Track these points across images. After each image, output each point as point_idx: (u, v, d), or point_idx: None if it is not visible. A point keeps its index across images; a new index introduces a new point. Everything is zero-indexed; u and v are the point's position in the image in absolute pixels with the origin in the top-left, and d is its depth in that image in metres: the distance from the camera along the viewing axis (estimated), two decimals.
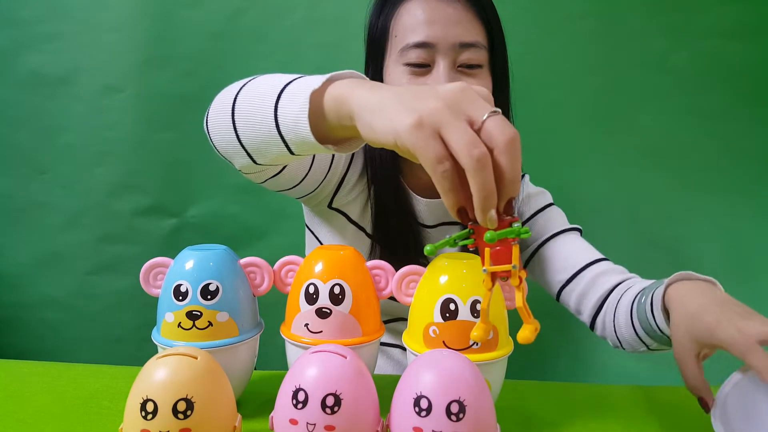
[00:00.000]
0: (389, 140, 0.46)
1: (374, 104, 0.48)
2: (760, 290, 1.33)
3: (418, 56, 0.78)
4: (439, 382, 0.45)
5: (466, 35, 0.78)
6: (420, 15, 0.78)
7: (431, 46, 0.77)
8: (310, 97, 0.51)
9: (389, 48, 0.82)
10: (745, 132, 1.31)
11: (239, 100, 0.60)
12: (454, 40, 0.78)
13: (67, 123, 1.33)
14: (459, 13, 0.78)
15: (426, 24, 0.78)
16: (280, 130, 0.54)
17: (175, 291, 0.56)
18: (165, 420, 0.43)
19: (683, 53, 1.30)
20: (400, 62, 0.80)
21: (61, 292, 1.36)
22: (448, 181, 0.44)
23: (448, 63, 0.78)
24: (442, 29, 0.77)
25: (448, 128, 0.43)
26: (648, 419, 0.64)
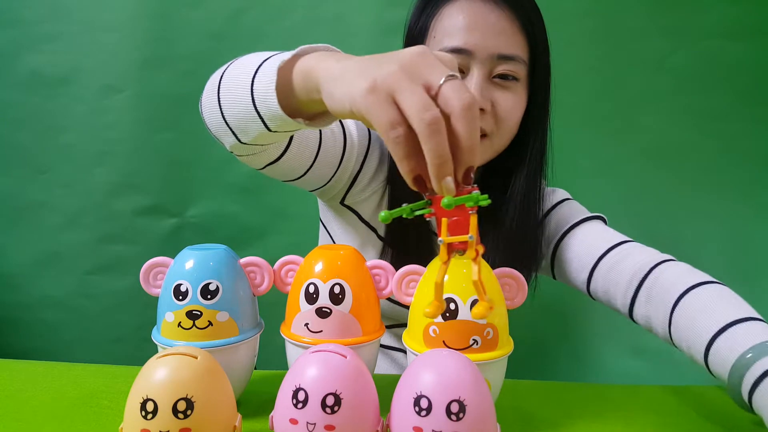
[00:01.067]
0: (345, 107, 0.45)
1: (337, 73, 0.47)
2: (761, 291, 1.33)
3: None
4: (439, 381, 0.45)
5: (505, 47, 0.76)
6: (461, 19, 0.76)
7: (468, 53, 0.75)
8: (277, 71, 0.51)
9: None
10: (745, 132, 1.32)
11: (224, 79, 0.60)
12: (492, 51, 0.75)
13: (67, 123, 1.33)
14: (502, 23, 0.76)
15: (466, 30, 0.75)
16: (256, 105, 0.54)
17: (175, 291, 0.56)
18: (165, 419, 0.43)
19: (683, 53, 1.30)
20: None
21: (61, 292, 1.36)
22: (401, 146, 0.43)
23: (482, 73, 0.76)
24: (482, 37, 0.75)
25: (401, 92, 0.42)
26: (648, 419, 0.64)
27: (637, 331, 1.34)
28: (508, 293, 0.59)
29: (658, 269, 0.74)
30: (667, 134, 1.32)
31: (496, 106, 0.77)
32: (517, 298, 0.59)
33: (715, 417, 0.65)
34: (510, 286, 0.59)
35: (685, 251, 1.33)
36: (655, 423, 0.63)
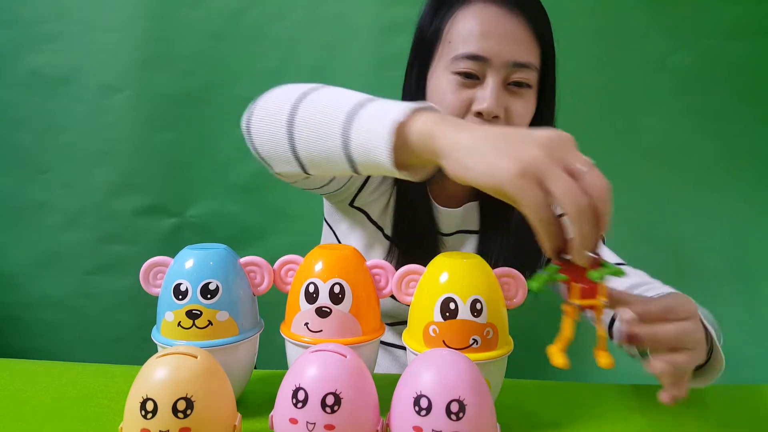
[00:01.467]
0: (489, 183, 0.47)
1: (468, 146, 0.49)
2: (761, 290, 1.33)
3: (470, 67, 0.76)
4: (439, 381, 0.45)
5: (520, 55, 0.76)
6: (478, 25, 0.76)
7: (484, 60, 0.76)
8: (396, 129, 0.51)
9: (439, 52, 0.80)
10: (746, 132, 1.32)
11: (300, 111, 0.59)
12: (508, 58, 0.76)
13: (67, 123, 1.33)
14: (517, 31, 0.76)
15: (482, 36, 0.75)
16: (350, 150, 0.55)
17: (174, 290, 0.56)
18: (165, 419, 0.43)
19: (684, 53, 1.30)
20: (449, 70, 0.78)
21: (61, 292, 1.36)
22: (552, 226, 0.47)
23: (498, 80, 0.76)
24: (498, 45, 0.75)
25: (551, 178, 0.45)
26: (648, 417, 0.64)
27: None
28: (508, 293, 0.59)
29: (641, 289, 0.80)
30: (668, 134, 1.32)
31: (510, 113, 0.78)
32: (517, 297, 0.59)
33: (714, 415, 0.65)
34: (510, 285, 0.59)
35: (686, 251, 1.34)
36: (654, 422, 0.63)
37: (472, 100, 0.77)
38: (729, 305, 1.30)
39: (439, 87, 0.79)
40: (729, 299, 1.32)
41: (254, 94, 1.33)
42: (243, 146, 1.32)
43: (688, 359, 0.52)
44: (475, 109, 0.77)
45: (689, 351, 0.52)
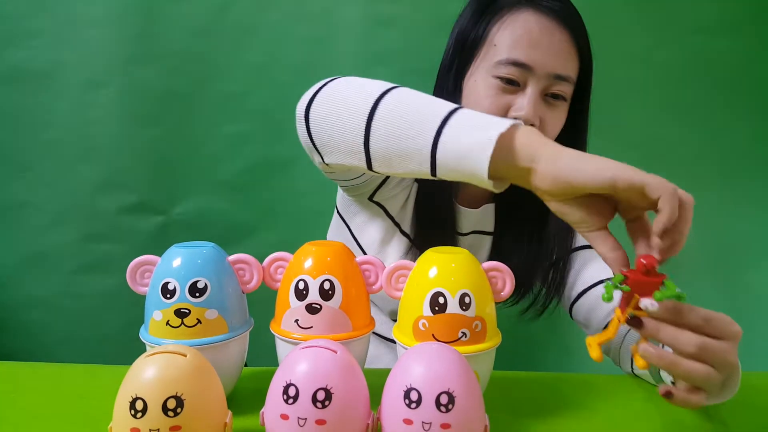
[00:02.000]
0: (605, 176, 0.53)
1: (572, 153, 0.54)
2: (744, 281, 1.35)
3: (512, 73, 0.77)
4: (429, 374, 0.46)
5: (563, 68, 0.78)
6: (527, 33, 0.77)
7: (528, 68, 0.76)
8: (497, 139, 0.52)
9: (483, 53, 0.80)
10: (727, 126, 1.33)
11: (384, 106, 0.59)
12: (551, 70, 0.77)
13: (51, 120, 1.31)
14: (563, 44, 0.77)
15: (530, 44, 0.76)
16: (439, 154, 0.55)
17: (162, 289, 0.56)
18: (155, 418, 0.43)
19: (667, 49, 1.31)
20: (491, 73, 0.78)
21: (47, 292, 1.35)
22: (674, 215, 0.53)
23: (538, 89, 0.77)
24: (544, 56, 0.76)
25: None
26: (635, 407, 0.65)
27: None
28: (496, 286, 0.60)
29: None
30: (650, 128, 1.34)
31: (544, 123, 0.79)
32: (505, 291, 0.60)
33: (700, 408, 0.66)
34: (497, 279, 0.60)
35: None
36: (642, 411, 0.64)
37: (509, 106, 0.78)
38: (709, 297, 1.32)
39: (477, 89, 0.80)
40: (710, 291, 1.34)
41: (241, 89, 1.34)
42: (230, 143, 1.34)
43: (706, 372, 0.48)
44: (512, 115, 0.78)
45: (711, 368, 0.49)
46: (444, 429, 0.44)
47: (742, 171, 1.34)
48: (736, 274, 1.35)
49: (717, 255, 1.36)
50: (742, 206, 1.35)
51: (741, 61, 1.31)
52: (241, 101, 1.32)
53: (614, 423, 0.61)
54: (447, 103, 0.58)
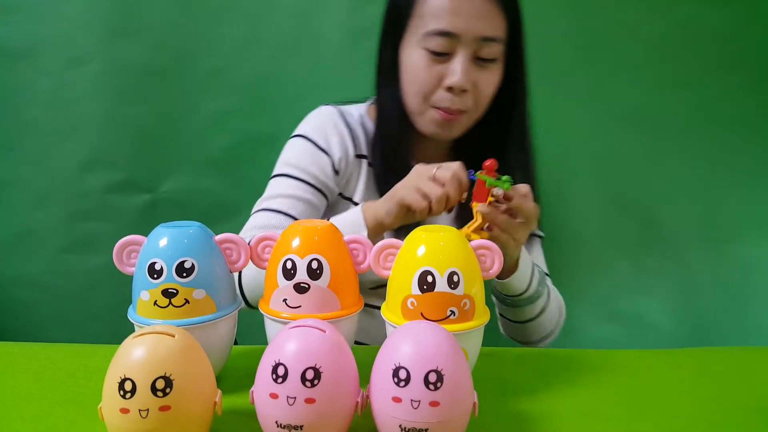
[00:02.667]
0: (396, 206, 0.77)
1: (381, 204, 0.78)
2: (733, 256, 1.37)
3: (440, 44, 0.80)
4: (417, 352, 0.46)
5: (488, 29, 0.80)
6: (448, 2, 0.79)
7: (454, 36, 0.79)
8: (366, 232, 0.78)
9: (411, 24, 0.83)
10: (718, 99, 1.33)
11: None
12: (476, 34, 0.79)
13: (33, 98, 1.29)
14: (485, 6, 0.79)
15: (452, 13, 0.78)
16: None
17: (149, 269, 0.56)
18: (144, 398, 0.44)
19: (656, 21, 1.30)
20: (420, 45, 0.81)
21: (34, 271, 1.34)
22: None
23: (467, 55, 0.80)
24: (467, 21, 0.78)
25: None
26: (622, 382, 0.66)
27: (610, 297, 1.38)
28: (484, 264, 0.60)
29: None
30: (640, 101, 1.33)
31: (477, 86, 0.82)
32: (494, 268, 0.60)
33: (686, 380, 0.67)
34: (486, 257, 0.60)
35: (658, 217, 1.37)
36: (628, 386, 0.65)
37: (443, 75, 0.81)
38: (700, 271, 1.34)
39: (411, 62, 0.83)
40: (700, 265, 1.35)
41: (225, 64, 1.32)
42: (216, 119, 1.32)
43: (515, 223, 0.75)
44: (446, 83, 0.81)
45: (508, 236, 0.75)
46: (433, 407, 0.44)
47: (731, 144, 1.35)
48: (725, 246, 1.37)
49: (706, 227, 1.37)
50: (731, 179, 1.36)
51: (732, 33, 1.30)
52: (226, 77, 1.30)
53: (602, 398, 0.62)
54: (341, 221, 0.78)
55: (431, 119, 0.86)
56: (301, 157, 0.92)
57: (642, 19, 1.30)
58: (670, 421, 0.58)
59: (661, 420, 0.58)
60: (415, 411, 0.45)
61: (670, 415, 0.59)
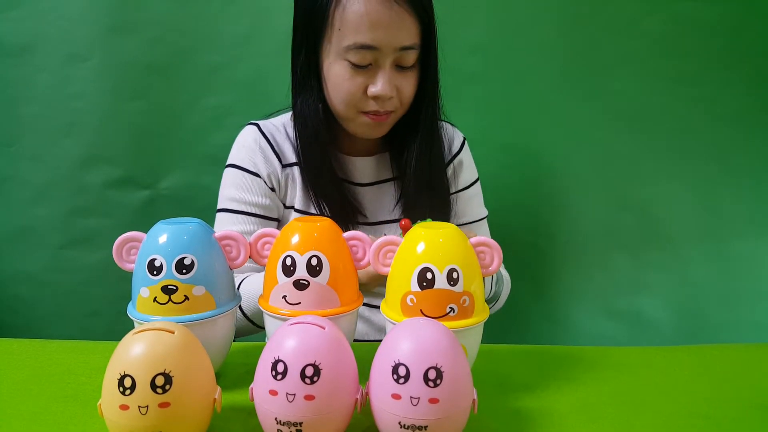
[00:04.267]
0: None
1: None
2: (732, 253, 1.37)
3: (362, 58, 0.82)
4: (417, 349, 0.46)
5: (406, 39, 0.82)
6: (365, 15, 0.79)
7: (375, 49, 0.81)
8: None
9: (329, 36, 0.83)
10: (718, 95, 1.33)
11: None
12: (396, 44, 0.81)
13: (32, 94, 1.28)
14: (401, 17, 0.81)
15: (371, 26, 0.80)
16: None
17: (149, 265, 0.56)
18: (143, 395, 0.44)
19: (657, 16, 1.30)
20: (342, 57, 0.83)
21: (33, 268, 1.34)
22: None
23: (389, 64, 0.83)
24: (386, 34, 0.80)
25: None
26: (620, 379, 0.66)
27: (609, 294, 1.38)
28: (484, 261, 0.60)
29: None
30: (640, 97, 1.33)
31: (401, 90, 0.86)
32: (493, 265, 0.60)
33: (686, 377, 0.67)
34: (485, 254, 0.60)
35: (657, 214, 1.37)
36: (627, 383, 0.65)
37: (366, 86, 0.84)
38: (699, 268, 1.34)
39: (334, 73, 0.85)
40: (700, 262, 1.35)
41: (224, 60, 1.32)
42: (215, 115, 1.32)
43: None
44: (371, 93, 0.84)
45: None
46: (432, 404, 0.44)
47: (731, 140, 1.34)
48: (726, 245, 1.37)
49: (706, 224, 1.37)
50: (731, 175, 1.36)
51: (731, 29, 1.30)
52: (225, 73, 1.30)
53: (602, 395, 0.62)
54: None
55: (361, 123, 0.88)
56: (238, 187, 0.94)
57: (641, 15, 1.30)
58: (669, 417, 0.58)
59: (660, 417, 0.58)
60: (415, 408, 0.45)
61: (669, 412, 0.59)
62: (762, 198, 1.36)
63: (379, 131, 0.91)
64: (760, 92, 1.32)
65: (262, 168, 0.94)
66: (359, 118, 0.87)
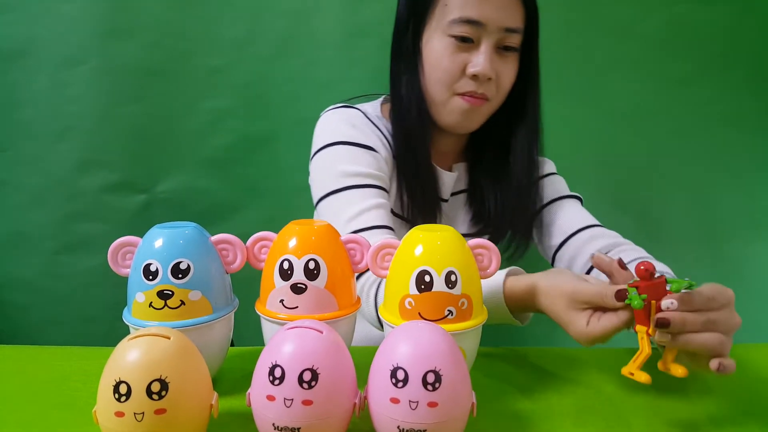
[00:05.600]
0: None
1: None
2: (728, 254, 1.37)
3: (466, 31, 0.81)
4: (415, 353, 0.46)
5: (512, 20, 0.82)
6: None
7: (480, 24, 0.80)
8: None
9: (435, 13, 0.84)
10: (713, 97, 1.33)
11: None
12: (501, 24, 0.81)
13: (27, 98, 1.28)
14: None
15: (479, 2, 0.80)
16: None
17: (144, 270, 0.55)
18: (139, 401, 0.43)
19: (653, 19, 1.30)
20: (446, 32, 0.82)
21: (29, 273, 1.33)
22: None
23: (491, 44, 0.82)
24: (493, 11, 0.80)
25: None
26: (620, 381, 0.66)
27: None
28: (482, 263, 0.59)
29: (615, 251, 0.86)
30: (636, 99, 1.34)
31: (500, 75, 0.84)
32: (491, 267, 0.60)
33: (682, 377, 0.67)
34: (483, 256, 0.59)
35: (654, 214, 1.37)
36: (626, 385, 0.65)
37: (466, 63, 0.83)
38: (696, 268, 1.34)
39: (435, 49, 0.84)
40: (696, 262, 1.35)
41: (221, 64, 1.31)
42: (212, 119, 1.31)
43: (719, 341, 0.53)
44: (470, 71, 0.82)
45: (721, 335, 0.53)
46: (431, 407, 0.44)
47: (728, 141, 1.35)
48: (722, 245, 1.37)
49: (702, 225, 1.37)
50: (727, 176, 1.36)
51: (726, 31, 1.30)
52: (222, 76, 1.30)
53: (601, 397, 0.62)
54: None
55: (455, 107, 0.86)
56: (356, 162, 0.86)
57: (637, 18, 1.30)
58: (666, 418, 0.57)
59: (658, 418, 0.57)
60: (414, 412, 0.44)
61: (666, 413, 0.58)
62: (758, 199, 1.37)
63: (470, 120, 0.87)
64: (757, 94, 1.33)
65: (380, 148, 0.89)
66: (454, 101, 0.85)
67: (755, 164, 1.37)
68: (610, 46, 1.31)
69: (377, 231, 0.81)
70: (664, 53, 1.31)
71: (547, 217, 0.95)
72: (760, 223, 1.38)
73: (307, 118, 1.30)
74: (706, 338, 0.52)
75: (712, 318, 0.53)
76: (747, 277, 1.37)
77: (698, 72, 1.32)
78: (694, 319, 0.52)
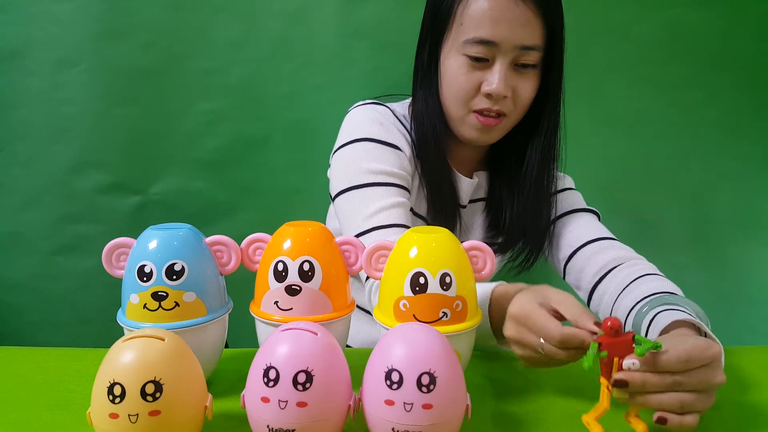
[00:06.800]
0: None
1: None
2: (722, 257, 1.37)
3: (480, 51, 0.80)
4: (410, 355, 0.46)
5: (528, 39, 0.81)
6: (489, 10, 0.79)
7: (494, 44, 0.80)
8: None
9: (451, 32, 0.83)
10: (707, 100, 1.34)
11: None
12: (516, 43, 0.80)
13: (21, 99, 1.27)
14: (526, 15, 0.79)
15: (493, 21, 0.79)
16: None
17: (139, 272, 0.55)
18: (133, 403, 0.43)
19: (646, 22, 1.31)
20: (460, 51, 0.82)
21: (23, 274, 1.33)
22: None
23: (506, 63, 0.81)
24: (508, 30, 0.79)
25: None
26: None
27: None
28: (476, 265, 0.60)
29: (624, 265, 0.85)
30: (630, 102, 1.34)
31: (516, 92, 0.83)
32: (485, 270, 0.60)
33: None
34: (478, 258, 0.60)
35: (648, 218, 1.37)
36: None
37: (482, 82, 0.82)
38: (690, 272, 1.35)
39: (451, 67, 0.84)
40: (690, 266, 1.36)
41: (216, 65, 1.31)
42: (207, 120, 1.31)
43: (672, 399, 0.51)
44: (485, 90, 0.82)
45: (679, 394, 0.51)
46: (425, 409, 0.44)
47: (722, 144, 1.36)
48: (716, 248, 1.37)
49: (697, 228, 1.38)
50: (722, 179, 1.37)
51: (720, 35, 1.31)
52: (217, 78, 1.29)
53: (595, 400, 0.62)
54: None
55: (471, 124, 0.86)
56: (379, 160, 0.86)
57: (631, 21, 1.31)
58: None
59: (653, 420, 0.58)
60: (408, 414, 0.44)
61: None
62: (752, 202, 1.37)
63: (488, 135, 0.87)
64: (750, 97, 1.34)
65: (401, 141, 0.90)
66: (470, 118, 0.85)
67: (750, 167, 1.37)
68: (603, 49, 1.31)
69: (396, 229, 0.81)
70: (658, 56, 1.32)
71: (558, 230, 0.94)
72: (754, 225, 1.39)
73: (302, 120, 1.30)
74: (663, 399, 0.51)
75: (679, 380, 0.51)
76: (742, 280, 1.37)
77: (693, 75, 1.32)
78: (657, 381, 0.51)
